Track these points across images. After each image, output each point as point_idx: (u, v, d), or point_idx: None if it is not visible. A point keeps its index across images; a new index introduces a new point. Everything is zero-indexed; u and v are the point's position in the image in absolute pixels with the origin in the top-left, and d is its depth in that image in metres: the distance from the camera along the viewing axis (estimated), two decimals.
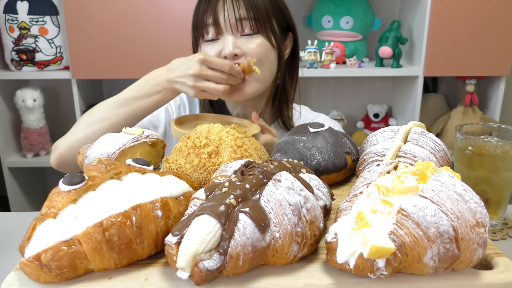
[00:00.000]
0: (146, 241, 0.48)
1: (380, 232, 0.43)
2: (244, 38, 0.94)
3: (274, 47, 0.97)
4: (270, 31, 0.95)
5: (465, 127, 0.77)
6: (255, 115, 0.94)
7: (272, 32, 0.96)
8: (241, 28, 0.93)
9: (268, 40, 0.95)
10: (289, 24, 1.02)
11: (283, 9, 0.99)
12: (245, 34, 0.93)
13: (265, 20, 0.93)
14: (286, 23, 1.01)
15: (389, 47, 1.87)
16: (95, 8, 1.77)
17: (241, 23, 0.92)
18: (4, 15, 1.82)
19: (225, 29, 0.93)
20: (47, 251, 0.44)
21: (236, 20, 0.92)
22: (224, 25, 0.92)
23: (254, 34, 0.94)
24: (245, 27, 0.93)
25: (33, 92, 1.92)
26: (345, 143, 0.75)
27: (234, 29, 0.93)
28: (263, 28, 0.94)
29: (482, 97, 2.10)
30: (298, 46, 1.08)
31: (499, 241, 0.74)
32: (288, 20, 1.02)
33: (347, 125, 2.28)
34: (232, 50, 0.91)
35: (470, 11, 1.80)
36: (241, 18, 0.92)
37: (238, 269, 0.44)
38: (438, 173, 0.48)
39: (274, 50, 0.97)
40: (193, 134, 0.70)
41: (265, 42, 0.95)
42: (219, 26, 0.93)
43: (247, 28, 0.93)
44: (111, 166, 0.52)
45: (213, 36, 0.94)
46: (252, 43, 0.94)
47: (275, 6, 0.97)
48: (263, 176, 0.50)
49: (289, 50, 1.06)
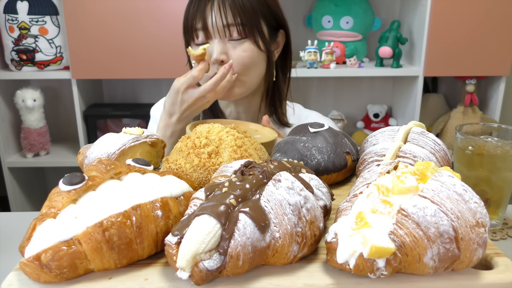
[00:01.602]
0: (146, 241, 0.48)
1: (380, 232, 0.43)
2: (231, 43, 0.95)
3: (262, 51, 0.97)
4: (258, 35, 0.95)
5: (465, 127, 0.77)
6: (266, 118, 0.95)
7: (260, 35, 0.96)
8: (229, 34, 0.94)
9: (256, 44, 0.95)
10: (279, 22, 1.02)
11: (272, 7, 0.99)
12: (233, 39, 0.94)
13: (252, 25, 0.94)
14: (276, 21, 1.01)
15: (389, 47, 1.87)
16: (95, 8, 1.77)
17: (229, 29, 0.93)
18: (4, 15, 1.82)
19: (213, 34, 0.94)
20: (47, 251, 0.44)
21: (224, 26, 0.92)
22: (212, 30, 0.93)
23: (242, 39, 0.94)
24: (233, 32, 0.93)
25: (33, 92, 1.92)
26: (345, 143, 0.75)
27: (222, 34, 0.93)
28: (250, 33, 0.94)
29: (482, 97, 2.10)
30: (290, 43, 1.07)
31: (499, 241, 0.74)
32: (278, 18, 1.01)
33: (347, 125, 2.28)
34: (218, 57, 0.93)
35: (470, 11, 1.80)
36: (228, 24, 0.92)
37: (238, 269, 0.44)
38: (438, 173, 0.48)
39: (262, 53, 0.98)
40: (193, 134, 0.70)
41: (252, 47, 0.95)
42: (208, 31, 0.94)
43: (234, 33, 0.93)
44: (111, 166, 0.52)
45: (203, 40, 0.96)
46: (238, 48, 0.94)
47: (264, 6, 0.96)
48: (263, 176, 0.50)
49: (281, 47, 1.06)
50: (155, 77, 1.87)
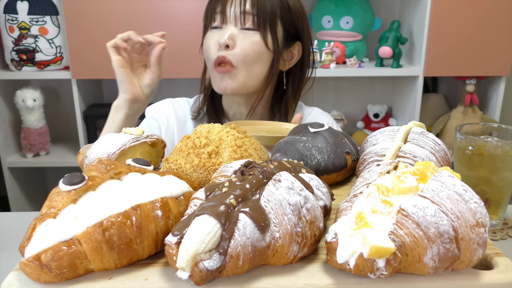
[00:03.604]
0: (146, 241, 0.48)
1: (380, 232, 0.43)
2: (242, 32, 0.96)
3: (269, 50, 0.97)
4: (269, 31, 0.96)
5: (465, 127, 0.77)
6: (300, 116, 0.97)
7: (272, 33, 0.96)
8: (243, 21, 0.96)
9: (264, 40, 0.96)
10: (298, 33, 1.02)
11: (294, 15, 0.99)
12: (246, 27, 0.96)
13: (266, 19, 0.95)
14: (295, 31, 1.01)
15: (389, 47, 1.87)
16: (95, 8, 1.77)
17: (244, 16, 0.95)
18: (4, 15, 1.82)
19: (229, 19, 0.96)
20: (47, 251, 0.44)
21: (240, 13, 0.95)
22: (229, 14, 0.96)
23: (254, 30, 0.96)
24: (247, 21, 0.95)
25: (33, 92, 1.92)
26: (345, 143, 0.75)
27: (237, 20, 0.96)
28: (262, 27, 0.95)
29: (482, 97, 2.10)
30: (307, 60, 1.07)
31: (499, 241, 0.74)
32: (298, 29, 1.01)
33: (347, 125, 2.28)
34: (225, 41, 0.95)
35: (470, 11, 1.80)
36: (245, 11, 0.95)
37: (238, 269, 0.44)
38: (438, 173, 0.48)
39: (269, 52, 0.97)
40: (193, 134, 0.70)
41: (261, 42, 0.96)
42: (225, 15, 0.96)
43: (248, 22, 0.95)
44: (111, 166, 0.52)
45: (218, 24, 0.98)
46: (247, 39, 0.96)
47: (285, 10, 0.97)
48: (263, 176, 0.50)
49: (295, 60, 1.05)
50: None
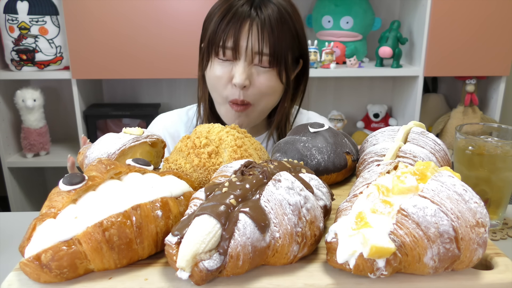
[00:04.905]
0: (146, 241, 0.48)
1: (380, 232, 0.43)
2: (256, 68, 0.92)
3: (283, 84, 0.96)
4: (283, 68, 0.93)
5: (465, 127, 0.77)
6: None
7: (286, 68, 0.94)
8: (259, 61, 0.91)
9: (279, 76, 0.94)
10: (302, 52, 1.01)
11: (301, 40, 0.97)
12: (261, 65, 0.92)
13: (281, 58, 0.92)
14: (299, 52, 0.99)
15: (389, 47, 1.87)
16: (95, 8, 1.77)
17: (261, 57, 0.91)
18: (4, 15, 1.82)
19: (242, 56, 0.91)
20: (47, 251, 0.44)
21: (257, 53, 0.90)
22: (243, 52, 0.91)
23: (268, 68, 0.92)
24: (264, 61, 0.91)
25: (33, 92, 1.92)
26: (345, 143, 0.75)
27: (251, 59, 0.91)
28: (277, 65, 0.92)
29: (482, 97, 2.10)
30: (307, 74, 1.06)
31: (499, 241, 0.74)
32: (303, 50, 1.00)
33: (347, 125, 2.28)
34: (243, 82, 0.90)
35: (470, 11, 1.80)
36: (262, 52, 0.90)
37: (238, 269, 0.44)
38: (438, 173, 0.48)
39: (282, 85, 0.96)
40: (193, 134, 0.70)
41: (275, 78, 0.93)
42: (238, 53, 0.91)
43: (265, 62, 0.91)
44: (111, 166, 0.52)
45: (229, 58, 0.92)
46: (262, 76, 0.93)
47: (295, 40, 0.94)
48: (263, 176, 0.50)
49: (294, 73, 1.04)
50: (155, 77, 1.87)
